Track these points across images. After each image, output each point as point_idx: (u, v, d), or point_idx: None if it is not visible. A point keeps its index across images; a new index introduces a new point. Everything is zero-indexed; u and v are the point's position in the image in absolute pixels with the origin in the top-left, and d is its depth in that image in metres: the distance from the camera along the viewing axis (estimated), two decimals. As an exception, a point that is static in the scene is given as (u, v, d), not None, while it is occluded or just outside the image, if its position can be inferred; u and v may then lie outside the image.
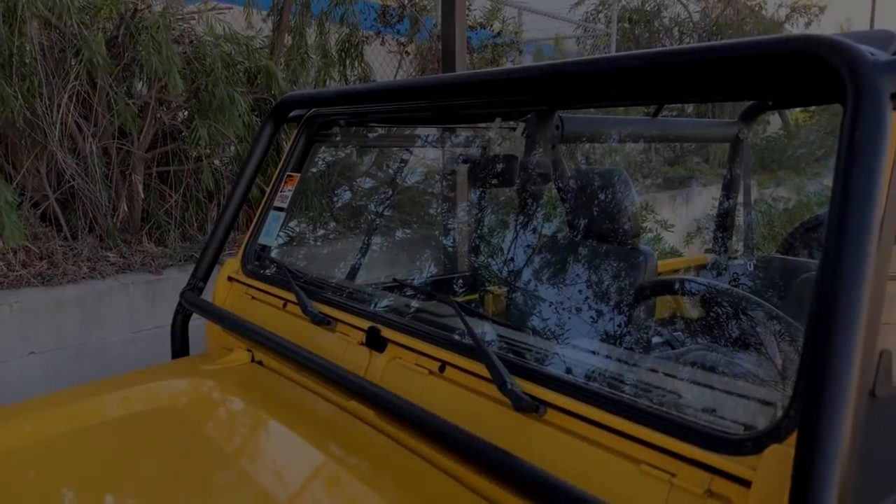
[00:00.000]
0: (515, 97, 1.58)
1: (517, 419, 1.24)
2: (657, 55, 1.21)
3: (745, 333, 1.31)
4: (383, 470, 1.35)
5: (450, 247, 2.49)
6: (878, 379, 0.96)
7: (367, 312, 1.70)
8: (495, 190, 2.43)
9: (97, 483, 1.33)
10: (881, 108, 0.89)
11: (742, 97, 1.38)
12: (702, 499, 0.96)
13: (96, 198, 3.65)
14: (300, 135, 2.30)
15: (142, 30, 3.44)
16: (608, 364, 1.30)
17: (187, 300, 2.18)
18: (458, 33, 4.88)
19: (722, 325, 1.37)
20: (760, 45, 1.04)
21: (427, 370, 1.47)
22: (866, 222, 0.87)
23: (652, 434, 1.04)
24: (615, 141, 2.85)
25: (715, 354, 1.29)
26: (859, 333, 0.83)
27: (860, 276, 0.85)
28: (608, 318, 1.61)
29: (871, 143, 0.88)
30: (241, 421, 1.65)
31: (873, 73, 0.90)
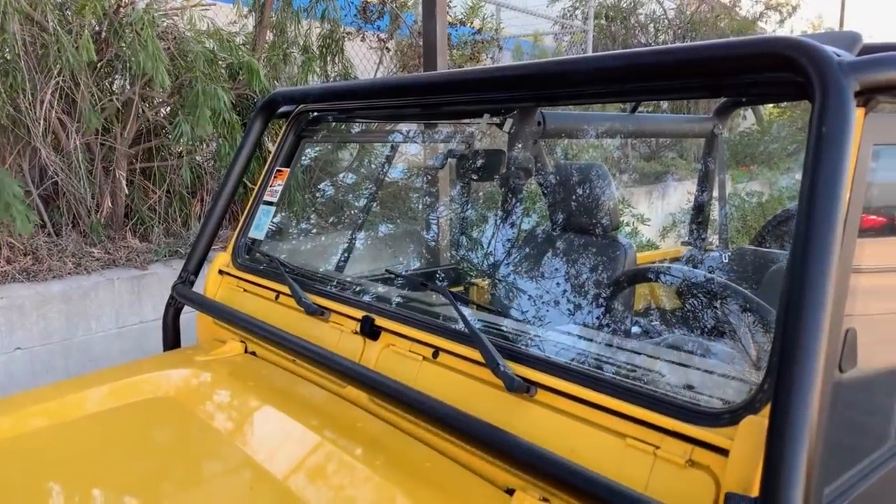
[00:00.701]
0: (501, 94, 1.64)
1: (509, 400, 1.31)
2: (638, 55, 1.28)
3: (721, 316, 1.39)
4: (379, 451, 1.41)
5: (438, 239, 2.55)
6: (843, 355, 1.04)
7: (360, 303, 1.75)
8: (482, 184, 2.49)
9: (97, 471, 1.37)
10: (846, 105, 0.97)
11: (718, 95, 1.46)
12: (683, 468, 1.03)
13: (80, 194, 3.65)
14: (289, 131, 2.35)
15: (125, 26, 3.45)
16: (594, 347, 1.37)
17: (179, 293, 2.21)
18: (440, 30, 4.94)
19: (700, 308, 1.45)
20: (735, 46, 1.12)
21: (421, 356, 1.53)
22: (833, 211, 0.94)
23: (637, 410, 1.11)
24: (595, 136, 2.92)
25: (694, 336, 1.37)
26: (826, 315, 0.91)
27: (827, 262, 0.92)
28: (593, 305, 1.68)
29: (837, 138, 0.96)
30: (238, 408, 1.70)
31: (838, 72, 0.98)
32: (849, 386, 1.09)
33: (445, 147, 2.47)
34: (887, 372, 1.29)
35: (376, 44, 6.16)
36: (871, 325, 1.22)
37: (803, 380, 0.88)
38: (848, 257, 1.03)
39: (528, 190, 2.59)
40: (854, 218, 1.04)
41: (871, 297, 1.21)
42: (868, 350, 1.18)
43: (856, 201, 1.04)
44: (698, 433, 1.03)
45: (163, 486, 1.33)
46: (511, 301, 2.15)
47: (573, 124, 2.91)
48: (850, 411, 1.12)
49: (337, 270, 2.51)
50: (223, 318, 2.04)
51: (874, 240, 1.21)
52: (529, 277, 2.10)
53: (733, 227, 6.58)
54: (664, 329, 1.47)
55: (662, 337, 1.44)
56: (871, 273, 1.20)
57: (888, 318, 1.31)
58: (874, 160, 1.11)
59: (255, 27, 4.82)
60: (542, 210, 2.55)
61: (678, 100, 2.20)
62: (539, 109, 2.56)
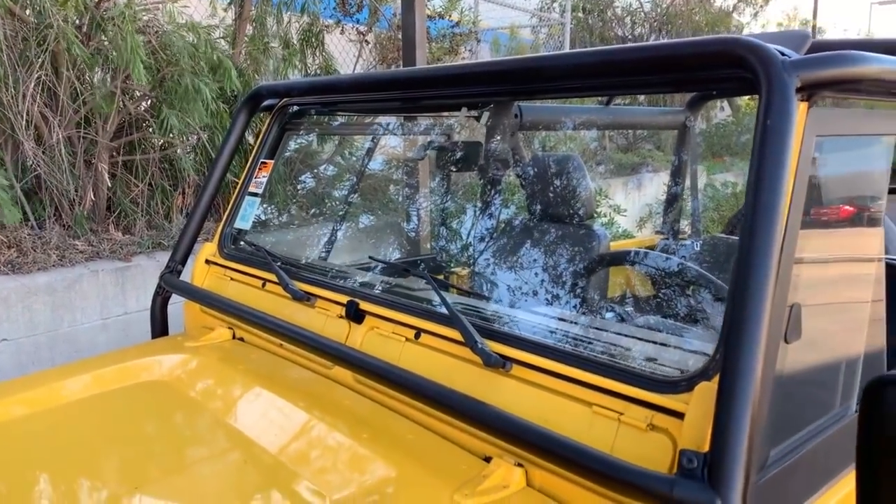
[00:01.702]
0: (476, 90, 1.73)
1: (487, 375, 1.40)
2: (607, 53, 1.37)
3: (681, 295, 1.50)
4: (365, 427, 1.49)
5: (418, 229, 2.64)
6: (788, 328, 1.15)
7: (345, 288, 1.83)
8: (461, 174, 2.58)
9: (88, 454, 1.43)
10: (788, 100, 1.07)
11: (680, 90, 1.56)
12: (645, 432, 1.13)
13: (62, 187, 3.68)
14: (272, 124, 2.41)
15: (107, 20, 3.48)
16: (564, 325, 1.46)
17: (167, 282, 2.28)
18: (418, 23, 5.00)
19: (661, 288, 1.55)
20: (693, 45, 1.21)
21: (404, 337, 1.61)
22: (776, 197, 1.04)
23: (602, 380, 1.21)
24: (571, 128, 3.02)
25: (656, 313, 1.47)
26: (767, 292, 1.00)
27: (770, 244, 1.02)
28: (564, 288, 1.78)
29: (780, 130, 1.06)
30: (228, 391, 1.77)
31: (781, 70, 1.08)
32: (794, 356, 1.19)
33: (425, 139, 2.55)
34: (832, 345, 1.40)
35: (356, 37, 6.21)
36: (819, 302, 1.33)
37: (747, 349, 0.98)
38: (793, 239, 1.13)
39: (506, 181, 2.68)
40: (798, 203, 1.15)
41: (817, 277, 1.32)
42: (815, 326, 1.29)
43: (799, 188, 1.14)
44: (658, 400, 1.13)
45: (155, 467, 1.39)
46: (488, 285, 2.25)
47: (549, 117, 3.01)
48: (796, 380, 1.22)
49: (321, 259, 2.59)
50: (212, 305, 2.11)
51: (821, 222, 1.32)
52: (506, 263, 2.19)
53: (709, 216, 6.73)
54: (629, 307, 1.57)
55: (627, 314, 1.55)
56: (817, 254, 1.30)
57: (835, 295, 1.42)
58: (818, 151, 1.21)
59: (235, 20, 4.85)
60: (519, 200, 2.64)
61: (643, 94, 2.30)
62: (516, 103, 2.65)
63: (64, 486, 1.33)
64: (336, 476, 1.32)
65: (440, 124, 2.63)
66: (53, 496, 1.29)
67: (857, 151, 1.42)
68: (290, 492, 1.27)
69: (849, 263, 1.44)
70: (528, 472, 1.26)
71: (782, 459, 1.16)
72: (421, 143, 2.60)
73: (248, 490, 1.30)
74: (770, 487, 1.12)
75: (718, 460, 0.96)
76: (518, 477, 1.25)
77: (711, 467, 0.96)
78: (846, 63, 1.12)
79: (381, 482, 1.27)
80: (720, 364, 1.04)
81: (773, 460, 1.15)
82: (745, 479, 0.96)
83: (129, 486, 1.29)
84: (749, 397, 0.97)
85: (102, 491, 1.32)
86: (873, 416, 0.91)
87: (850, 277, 1.44)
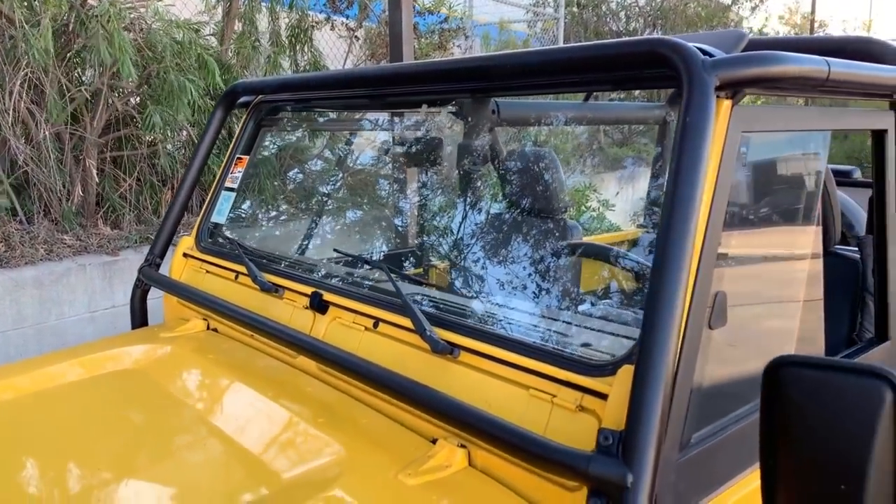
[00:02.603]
0: (432, 87, 1.79)
1: (438, 362, 1.46)
2: (550, 53, 1.43)
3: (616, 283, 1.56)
4: (324, 412, 1.56)
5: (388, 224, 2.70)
6: (712, 314, 1.21)
7: (310, 280, 1.90)
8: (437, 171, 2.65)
9: (62, 441, 1.49)
10: (707, 98, 1.13)
11: (620, 88, 1.62)
12: (574, 412, 1.19)
13: (51, 183, 3.74)
14: (248, 120, 2.47)
15: (92, 18, 3.53)
16: (507, 312, 1.53)
17: (145, 275, 2.34)
18: (405, 19, 5.05)
19: (599, 277, 1.61)
20: (625, 46, 1.27)
21: (363, 327, 1.68)
22: (694, 190, 1.10)
23: (539, 365, 1.27)
24: (550, 124, 3.08)
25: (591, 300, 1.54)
26: (682, 281, 1.06)
27: (686, 236, 1.08)
28: (518, 279, 1.84)
29: (698, 126, 1.12)
30: (199, 379, 1.84)
31: (701, 69, 1.14)
32: (720, 344, 1.25)
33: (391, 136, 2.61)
34: (762, 335, 1.46)
35: (346, 33, 6.26)
36: (748, 293, 1.39)
37: (661, 333, 1.04)
38: (716, 231, 1.19)
39: (481, 176, 2.74)
40: (722, 196, 1.20)
41: (747, 267, 1.38)
42: (744, 315, 1.35)
43: (723, 182, 1.20)
44: (586, 382, 1.19)
45: (118, 450, 1.46)
46: (446, 276, 2.31)
47: (527, 112, 3.07)
48: (723, 366, 1.28)
49: (299, 253, 2.65)
50: (185, 297, 2.17)
51: (753, 216, 1.38)
52: (469, 256, 2.25)
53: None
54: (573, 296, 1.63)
55: (570, 302, 1.61)
56: (747, 246, 1.36)
57: (766, 286, 1.48)
58: (744, 145, 1.27)
59: (224, 17, 4.91)
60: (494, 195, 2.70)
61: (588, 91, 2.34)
62: (493, 99, 2.71)
63: (29, 473, 1.39)
64: (290, 457, 1.39)
65: (415, 120, 2.69)
66: (18, 483, 1.35)
67: (792, 147, 1.48)
68: (246, 472, 1.34)
69: (781, 256, 1.50)
70: (471, 453, 1.33)
71: (706, 440, 1.22)
72: (385, 141, 2.67)
73: (205, 470, 1.36)
74: (692, 466, 1.18)
75: (632, 438, 1.02)
76: (460, 457, 1.31)
77: (625, 444, 1.02)
78: (763, 63, 1.17)
79: (332, 462, 1.33)
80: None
81: (698, 440, 1.21)
82: (657, 455, 1.02)
83: (93, 468, 1.36)
84: (661, 379, 1.03)
85: (67, 475, 1.38)
86: (772, 395, 0.97)
87: (782, 270, 1.50)
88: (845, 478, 0.91)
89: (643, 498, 1.00)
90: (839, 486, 0.92)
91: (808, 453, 0.94)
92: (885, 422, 0.90)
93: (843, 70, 1.30)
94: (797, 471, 0.95)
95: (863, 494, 0.90)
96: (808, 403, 0.94)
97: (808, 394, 0.94)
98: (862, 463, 0.90)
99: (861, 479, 0.91)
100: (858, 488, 0.91)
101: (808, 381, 0.94)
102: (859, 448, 0.90)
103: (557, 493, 1.18)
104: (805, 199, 1.52)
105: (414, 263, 2.51)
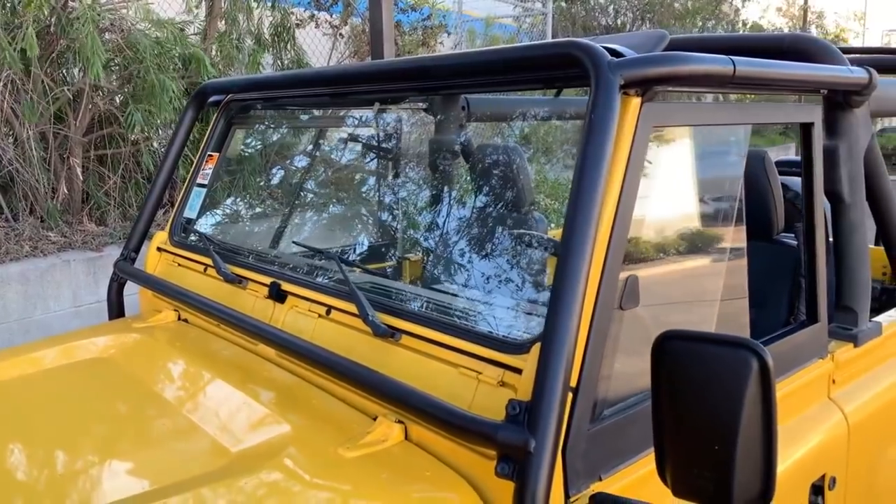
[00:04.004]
0: (392, 85, 1.89)
1: (382, 345, 1.56)
2: (478, 55, 1.54)
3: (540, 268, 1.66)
4: (278, 394, 1.66)
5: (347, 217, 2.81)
6: (624, 297, 1.31)
7: (271, 271, 2.00)
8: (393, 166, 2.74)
9: (31, 427, 1.59)
10: (611, 96, 1.22)
11: (549, 87, 1.72)
12: (496, 387, 1.29)
13: (35, 181, 3.84)
14: (219, 118, 2.57)
15: (73, 20, 3.62)
16: (445, 298, 1.63)
17: (120, 269, 2.44)
18: (385, 17, 5.14)
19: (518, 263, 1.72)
20: (542, 48, 1.37)
21: (317, 314, 1.78)
22: (596, 182, 1.20)
23: (467, 345, 1.37)
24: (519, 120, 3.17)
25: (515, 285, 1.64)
26: (585, 265, 1.16)
27: (589, 222, 1.18)
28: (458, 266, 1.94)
29: (602, 122, 1.21)
30: (164, 365, 1.94)
31: (606, 69, 1.23)
32: (631, 324, 1.35)
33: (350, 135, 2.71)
34: (678, 319, 1.56)
35: (330, 30, 6.35)
36: (665, 278, 1.49)
37: (564, 313, 1.14)
38: (626, 218, 1.29)
39: (448, 170, 2.84)
40: (632, 186, 1.30)
41: (663, 253, 1.48)
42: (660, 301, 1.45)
43: (633, 173, 1.30)
44: (506, 359, 1.29)
45: (92, 433, 1.56)
46: (397, 267, 2.42)
47: (497, 108, 3.16)
48: (639, 346, 1.38)
49: (269, 245, 2.74)
50: (156, 289, 2.27)
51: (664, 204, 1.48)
52: (423, 247, 2.36)
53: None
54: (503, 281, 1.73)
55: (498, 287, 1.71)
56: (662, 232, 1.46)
57: (682, 273, 1.57)
58: (656, 139, 1.37)
59: (207, 16, 4.99)
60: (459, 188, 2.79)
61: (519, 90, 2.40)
62: (463, 95, 2.81)
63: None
64: (242, 434, 1.49)
65: (382, 118, 2.79)
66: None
67: (711, 141, 1.57)
68: (200, 447, 1.44)
69: (703, 243, 1.59)
70: (408, 428, 1.43)
71: (618, 413, 1.32)
72: (339, 137, 2.77)
73: (162, 447, 1.46)
74: (603, 437, 1.28)
75: (536, 408, 1.12)
76: (397, 432, 1.41)
77: (530, 413, 1.12)
78: (668, 63, 1.27)
79: (280, 437, 1.44)
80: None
81: (611, 413, 1.31)
82: (559, 424, 1.12)
83: (57, 448, 1.46)
84: (563, 354, 1.13)
85: (33, 455, 1.48)
86: (659, 365, 1.07)
87: (704, 257, 1.60)
88: (719, 438, 1.02)
89: (545, 462, 1.10)
90: (714, 446, 1.02)
91: (688, 417, 1.04)
92: (752, 388, 1.00)
93: (749, 68, 1.39)
94: (680, 433, 1.06)
95: (734, 453, 1.01)
96: (688, 372, 1.04)
97: (688, 364, 1.04)
98: (733, 425, 1.00)
99: (732, 440, 1.01)
100: (730, 448, 1.01)
101: (688, 353, 1.04)
102: (730, 412, 1.00)
103: (481, 463, 1.28)
104: (727, 189, 1.62)
105: (370, 255, 2.61)
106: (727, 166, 1.59)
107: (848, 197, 1.91)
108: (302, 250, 2.25)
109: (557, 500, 1.19)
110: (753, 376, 0.99)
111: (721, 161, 1.58)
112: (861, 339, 1.93)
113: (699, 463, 1.04)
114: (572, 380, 1.19)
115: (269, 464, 1.33)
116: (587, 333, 1.22)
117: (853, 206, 1.93)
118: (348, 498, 1.32)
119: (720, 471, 1.02)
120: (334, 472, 1.33)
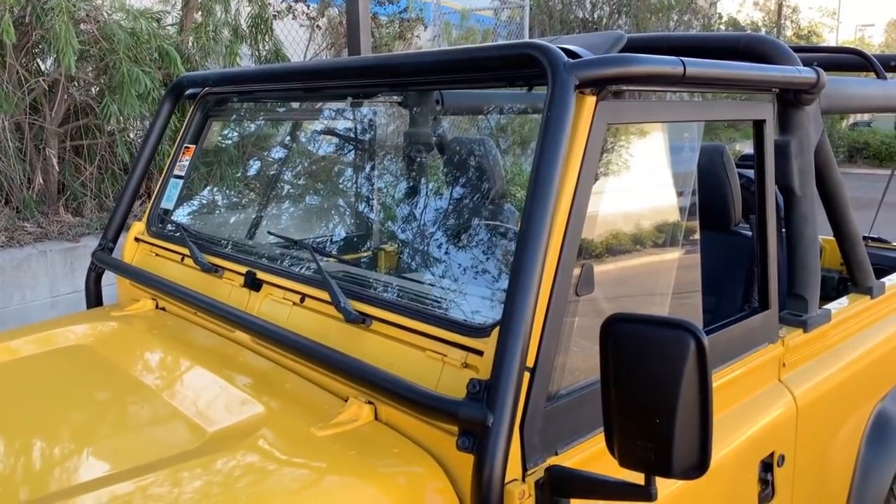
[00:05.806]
0: (361, 81, 1.96)
1: (354, 331, 1.63)
2: (444, 54, 1.61)
3: (503, 255, 1.75)
4: (254, 379, 1.73)
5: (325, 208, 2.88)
6: (580, 283, 1.39)
7: (246, 260, 2.06)
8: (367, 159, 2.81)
9: (11, 412, 1.65)
10: (566, 95, 1.30)
11: (513, 85, 1.80)
12: (460, 369, 1.37)
13: (11, 171, 3.84)
14: (196, 111, 2.61)
15: (48, 10, 3.63)
16: (413, 286, 1.70)
17: (98, 259, 2.48)
18: (362, 10, 5.18)
19: (484, 252, 1.80)
20: (502, 49, 1.45)
21: (291, 302, 1.84)
22: (551, 176, 1.28)
23: (433, 329, 1.44)
24: (491, 113, 3.25)
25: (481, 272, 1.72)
26: (541, 253, 1.24)
27: (544, 213, 1.25)
28: (428, 255, 2.02)
29: (557, 120, 1.29)
30: (142, 352, 2.00)
31: (562, 70, 1.31)
32: (587, 310, 1.44)
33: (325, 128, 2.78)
34: (630, 305, 1.65)
35: (307, 22, 6.37)
36: (621, 266, 1.58)
37: (520, 298, 1.22)
38: (581, 211, 1.37)
39: (421, 163, 2.91)
40: (588, 179, 1.38)
41: (619, 243, 1.57)
42: (615, 287, 1.53)
43: (588, 167, 1.38)
44: (470, 342, 1.37)
45: (72, 418, 1.61)
46: (370, 255, 2.49)
47: (471, 103, 3.24)
48: (592, 331, 1.46)
49: (245, 237, 2.80)
50: (133, 278, 2.32)
51: (619, 198, 1.56)
52: (396, 237, 2.44)
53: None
54: (469, 268, 1.82)
55: (464, 274, 1.80)
56: (616, 224, 1.55)
57: (637, 261, 1.66)
58: (611, 136, 1.45)
59: (183, 8, 4.99)
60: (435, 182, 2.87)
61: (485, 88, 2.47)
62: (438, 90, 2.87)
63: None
64: (218, 416, 1.55)
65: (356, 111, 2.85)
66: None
67: (666, 137, 1.66)
68: (176, 429, 1.51)
69: (656, 233, 1.68)
70: (377, 409, 1.50)
71: (574, 393, 1.41)
72: (314, 130, 2.83)
73: (141, 430, 1.53)
74: (559, 414, 1.36)
75: (494, 386, 1.20)
76: (367, 412, 1.49)
77: (489, 391, 1.21)
78: (620, 63, 1.35)
79: (254, 419, 1.51)
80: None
81: (567, 392, 1.40)
82: (515, 401, 1.20)
83: (37, 432, 1.52)
84: (520, 336, 1.21)
85: (12, 442, 1.53)
86: (606, 346, 1.16)
87: (657, 246, 1.69)
88: (660, 413, 1.10)
89: (502, 436, 1.18)
90: (656, 420, 1.11)
91: (633, 393, 1.13)
92: (690, 366, 1.09)
93: (698, 69, 1.48)
94: (625, 409, 1.14)
95: (672, 428, 1.09)
96: (632, 352, 1.12)
97: (632, 344, 1.13)
98: (672, 400, 1.09)
99: (672, 414, 1.09)
100: (669, 422, 1.10)
101: (632, 334, 1.13)
102: (670, 388, 1.09)
103: (444, 439, 1.35)
104: (681, 182, 1.71)
105: (344, 245, 2.68)
106: (681, 162, 1.68)
107: (799, 190, 2.01)
108: (277, 240, 2.31)
109: (515, 472, 1.28)
110: (691, 355, 1.08)
111: (675, 157, 1.67)
112: (810, 325, 2.04)
113: (643, 436, 1.12)
114: (529, 360, 1.28)
115: (244, 443, 1.40)
116: (544, 318, 1.30)
117: (804, 198, 2.03)
118: (320, 474, 1.40)
119: (661, 442, 1.11)
120: (307, 450, 1.40)
